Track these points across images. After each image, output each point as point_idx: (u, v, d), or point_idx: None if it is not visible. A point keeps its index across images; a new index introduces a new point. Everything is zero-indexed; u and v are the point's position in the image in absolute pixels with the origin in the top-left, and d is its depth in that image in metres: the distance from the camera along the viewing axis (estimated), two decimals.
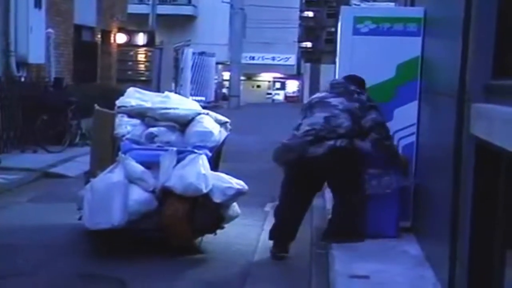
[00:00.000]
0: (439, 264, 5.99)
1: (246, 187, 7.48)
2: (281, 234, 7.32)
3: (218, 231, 7.61)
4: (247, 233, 8.24)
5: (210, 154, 7.48)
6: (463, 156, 5.34)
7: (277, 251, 7.20)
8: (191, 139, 7.62)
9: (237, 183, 7.43)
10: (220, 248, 7.55)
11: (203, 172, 7.13)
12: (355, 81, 7.49)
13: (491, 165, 4.83)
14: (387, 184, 7.40)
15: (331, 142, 6.98)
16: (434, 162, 6.85)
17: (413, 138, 7.84)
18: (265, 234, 8.23)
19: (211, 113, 8.07)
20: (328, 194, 8.69)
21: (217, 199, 7.19)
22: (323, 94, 7.53)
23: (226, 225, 7.69)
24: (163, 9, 31.31)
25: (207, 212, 7.16)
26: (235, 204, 7.68)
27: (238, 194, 7.43)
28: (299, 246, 7.77)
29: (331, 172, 7.15)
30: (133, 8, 26.67)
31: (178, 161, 7.23)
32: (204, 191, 7.08)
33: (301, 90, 54.02)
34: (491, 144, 4.47)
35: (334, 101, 7.23)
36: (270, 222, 8.84)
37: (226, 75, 40.76)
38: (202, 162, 7.22)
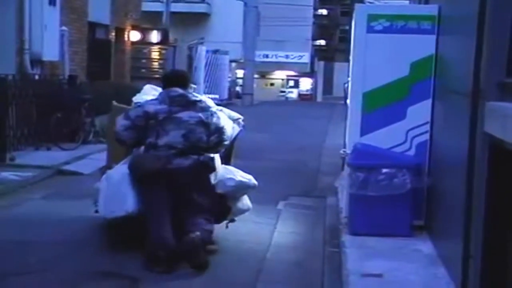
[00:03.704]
0: (453, 262, 5.97)
1: (254, 181, 7.53)
2: (160, 248, 6.65)
3: (230, 226, 7.64)
4: (259, 231, 8.24)
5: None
6: (476, 154, 5.32)
7: (161, 269, 6.56)
8: None
9: (243, 177, 7.50)
10: (233, 246, 7.55)
11: None
12: (184, 81, 7.35)
13: (505, 163, 4.81)
14: (400, 184, 7.38)
15: (195, 156, 6.96)
16: (447, 160, 6.83)
17: (426, 137, 7.82)
18: (277, 233, 8.25)
19: (224, 109, 8.09)
20: (341, 193, 8.68)
21: (219, 190, 7.29)
22: (163, 106, 7.04)
23: (237, 219, 7.74)
24: (177, 7, 31.21)
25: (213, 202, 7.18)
26: (245, 197, 7.72)
27: (243, 187, 7.47)
28: (311, 244, 7.77)
29: (190, 187, 6.92)
30: (147, 6, 26.66)
31: None
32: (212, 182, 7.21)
33: (314, 88, 53.94)
34: (505, 142, 4.45)
35: (183, 116, 7.01)
36: (283, 220, 8.87)
37: (240, 73, 40.73)
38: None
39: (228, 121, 7.74)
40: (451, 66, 7.01)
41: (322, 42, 59.88)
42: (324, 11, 60.58)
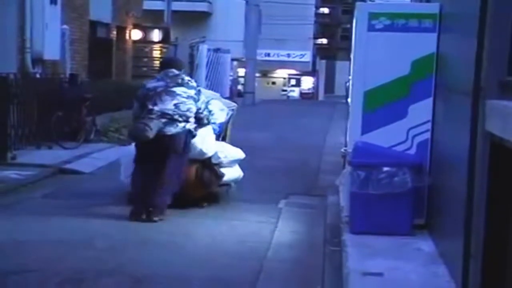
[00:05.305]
0: (453, 261, 5.96)
1: (241, 155, 9.66)
2: (140, 201, 8.47)
3: (231, 225, 7.64)
4: (260, 230, 8.24)
5: (218, 128, 9.52)
6: (477, 153, 5.30)
7: (134, 217, 8.35)
8: None
9: (232, 150, 9.59)
10: (234, 245, 7.56)
11: (207, 140, 9.13)
12: (179, 66, 9.13)
13: (506, 162, 4.80)
14: (401, 183, 7.37)
15: (183, 124, 8.60)
16: (448, 159, 6.82)
17: (427, 135, 7.81)
18: (278, 231, 8.24)
19: (220, 98, 10.11)
20: (342, 192, 8.67)
21: (214, 161, 9.23)
22: (161, 83, 8.78)
23: (238, 220, 7.83)
24: (178, 6, 31.14)
25: (209, 170, 9.17)
26: (237, 167, 9.65)
27: (232, 158, 9.51)
28: (312, 243, 7.77)
29: (173, 149, 8.53)
30: (148, 5, 26.64)
31: None
32: (208, 155, 9.15)
33: (316, 87, 53.88)
34: (506, 140, 4.44)
35: (177, 90, 8.70)
36: (284, 219, 8.87)
37: (241, 71, 40.72)
38: (208, 133, 9.20)
39: (222, 107, 9.67)
40: (452, 65, 7.00)
41: (324, 40, 59.83)
42: (325, 10, 60.53)
